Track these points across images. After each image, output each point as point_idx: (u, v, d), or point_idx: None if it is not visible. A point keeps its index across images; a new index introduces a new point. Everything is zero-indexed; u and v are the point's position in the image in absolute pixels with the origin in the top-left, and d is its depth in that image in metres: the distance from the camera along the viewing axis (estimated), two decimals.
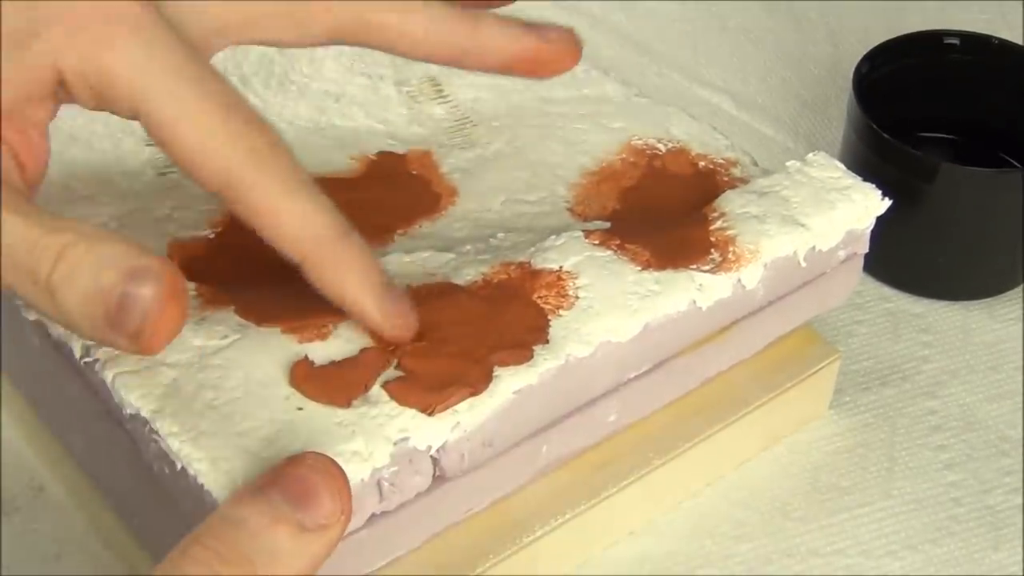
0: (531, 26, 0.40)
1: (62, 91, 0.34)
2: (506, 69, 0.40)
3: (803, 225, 0.44)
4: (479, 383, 0.37)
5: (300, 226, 0.35)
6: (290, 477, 0.32)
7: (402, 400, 0.37)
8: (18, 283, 0.32)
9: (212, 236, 0.44)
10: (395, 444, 0.36)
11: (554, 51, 0.40)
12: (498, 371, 0.38)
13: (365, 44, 0.39)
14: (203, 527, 0.31)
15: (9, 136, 0.34)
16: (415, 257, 0.43)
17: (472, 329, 0.39)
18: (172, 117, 0.34)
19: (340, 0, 0.38)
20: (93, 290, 0.31)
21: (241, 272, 0.42)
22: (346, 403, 0.36)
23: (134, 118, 0.34)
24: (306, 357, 0.38)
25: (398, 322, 0.37)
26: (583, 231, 0.43)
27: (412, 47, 0.39)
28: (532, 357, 0.38)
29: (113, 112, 0.35)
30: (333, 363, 0.38)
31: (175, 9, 0.36)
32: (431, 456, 0.37)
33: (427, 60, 0.39)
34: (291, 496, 0.31)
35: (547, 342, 0.39)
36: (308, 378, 0.36)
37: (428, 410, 0.36)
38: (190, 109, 0.34)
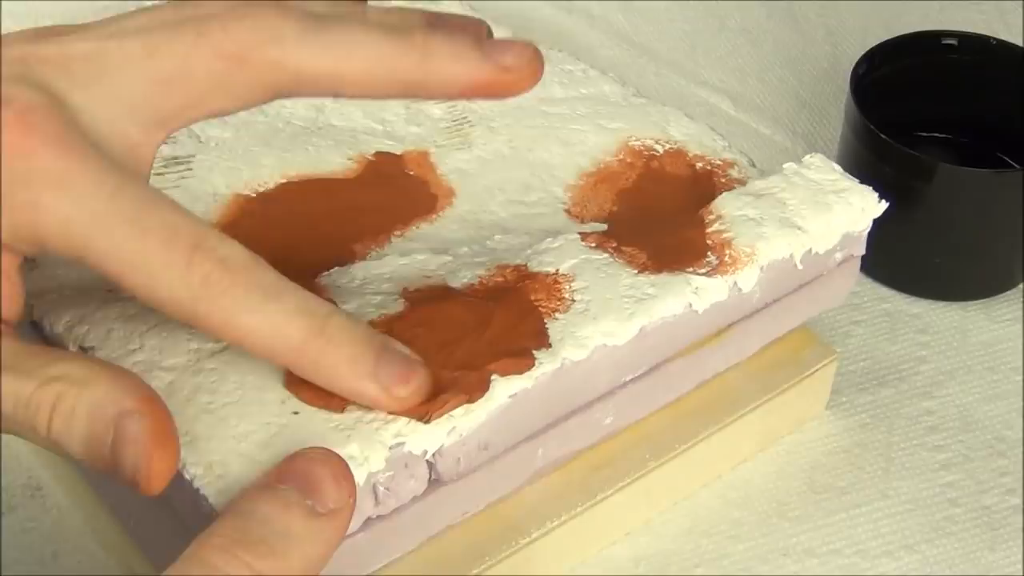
0: (485, 47, 0.37)
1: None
2: (460, 97, 0.39)
3: (800, 228, 0.44)
4: (475, 391, 0.37)
5: (272, 338, 0.34)
6: (295, 469, 0.33)
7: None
8: (23, 434, 0.32)
9: None
10: (391, 448, 0.36)
11: (511, 78, 0.37)
12: (494, 375, 0.38)
13: (310, 95, 0.36)
14: (216, 523, 0.31)
15: None
16: (411, 259, 0.44)
17: (469, 334, 0.39)
18: (115, 263, 0.33)
19: (268, 56, 0.35)
20: (89, 440, 0.32)
21: None
22: (341, 408, 0.36)
23: (80, 265, 0.33)
24: None
25: (403, 393, 0.36)
26: (580, 233, 0.43)
27: (358, 90, 0.36)
28: (534, 365, 0.38)
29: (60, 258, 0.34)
30: None
31: (101, 113, 0.34)
32: (427, 460, 0.37)
33: (377, 98, 0.37)
34: (299, 485, 0.32)
35: (550, 346, 0.39)
36: (303, 382, 0.36)
37: (424, 418, 0.36)
38: (130, 254, 0.32)
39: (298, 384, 0.37)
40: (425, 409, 0.37)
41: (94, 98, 0.34)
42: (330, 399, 0.36)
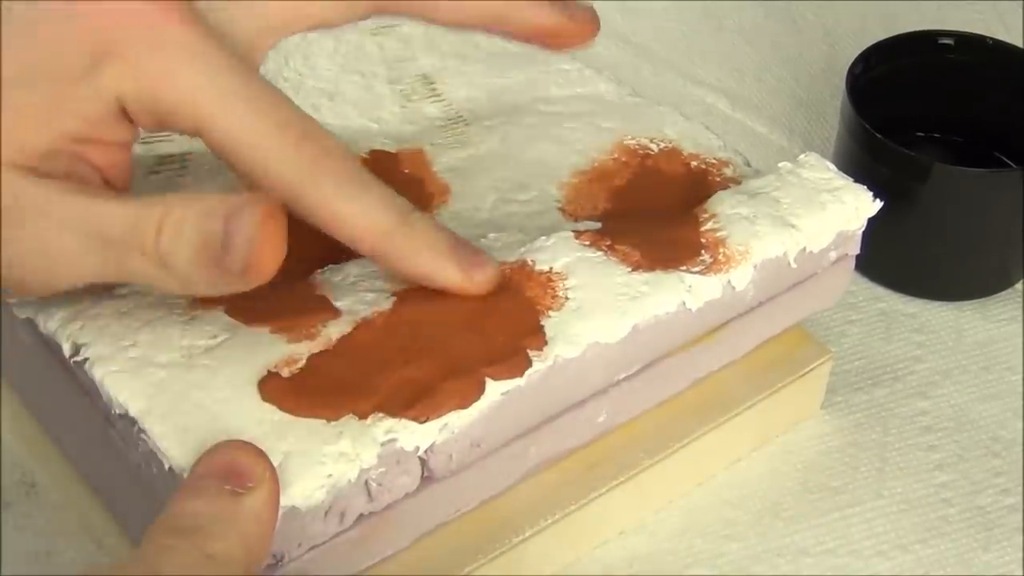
0: (559, 2, 0.42)
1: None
2: (530, 39, 0.43)
3: (794, 226, 0.44)
4: (469, 395, 0.37)
5: (362, 226, 0.37)
6: (209, 462, 0.34)
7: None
8: (127, 261, 0.35)
9: None
10: (383, 445, 0.36)
11: (576, 28, 0.43)
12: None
13: (405, 12, 0.41)
14: (149, 529, 0.32)
15: (94, 156, 0.37)
16: None
17: (462, 332, 0.39)
18: (232, 139, 0.36)
19: None
20: (199, 243, 0.34)
21: None
22: (335, 416, 0.37)
23: (196, 136, 0.36)
24: (270, 372, 0.38)
25: (480, 278, 0.39)
26: (573, 232, 0.43)
27: (450, 12, 0.41)
28: (530, 365, 0.38)
29: (174, 131, 0.37)
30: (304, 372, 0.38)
31: (224, 14, 0.38)
32: (419, 457, 0.37)
33: (459, 25, 0.42)
34: (213, 474, 0.33)
35: (545, 344, 0.39)
36: (284, 393, 0.37)
37: (419, 419, 0.37)
38: (248, 130, 0.36)
39: (280, 396, 0.37)
40: (419, 411, 0.37)
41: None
42: (316, 408, 0.37)
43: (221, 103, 0.35)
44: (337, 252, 0.44)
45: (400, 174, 0.48)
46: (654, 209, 0.46)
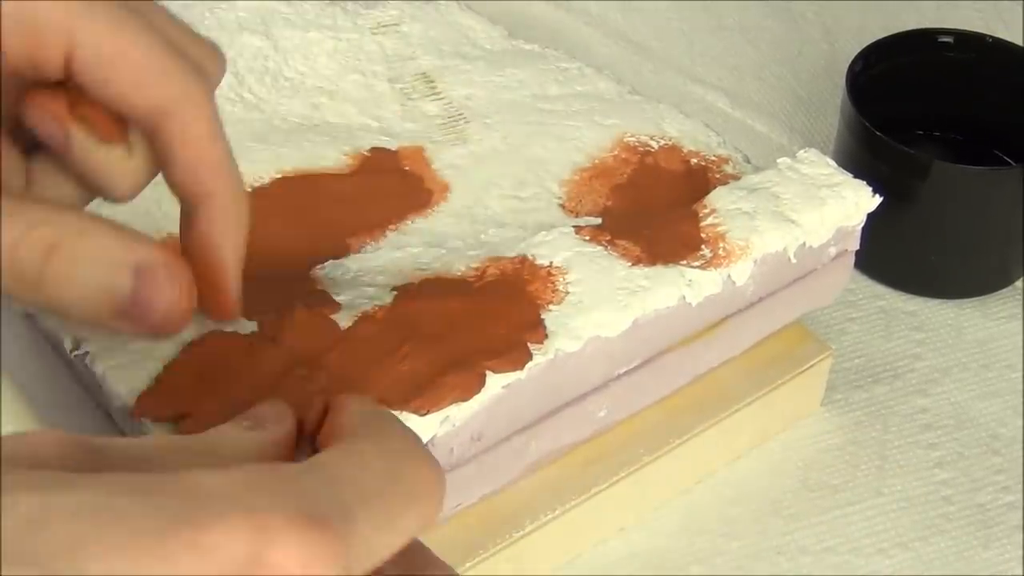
0: None
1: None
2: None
3: (793, 221, 0.44)
4: (471, 388, 0.37)
5: (218, 170, 0.33)
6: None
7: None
8: (15, 286, 0.31)
9: None
10: None
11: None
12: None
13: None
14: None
15: None
16: (406, 252, 0.44)
17: (464, 326, 0.39)
18: (107, 53, 0.31)
19: None
20: (97, 290, 0.31)
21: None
22: None
23: (67, 66, 0.32)
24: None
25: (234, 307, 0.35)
26: (574, 227, 0.43)
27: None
28: (531, 359, 0.38)
29: (44, 71, 0.32)
30: None
31: None
32: None
33: None
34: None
35: (546, 338, 0.39)
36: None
37: (420, 412, 0.37)
38: (125, 42, 0.31)
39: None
40: (420, 404, 0.37)
41: None
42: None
43: (90, 13, 0.31)
44: (337, 249, 0.44)
45: (400, 172, 0.48)
46: (654, 206, 0.46)
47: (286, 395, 0.35)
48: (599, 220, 0.45)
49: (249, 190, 0.46)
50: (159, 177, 0.35)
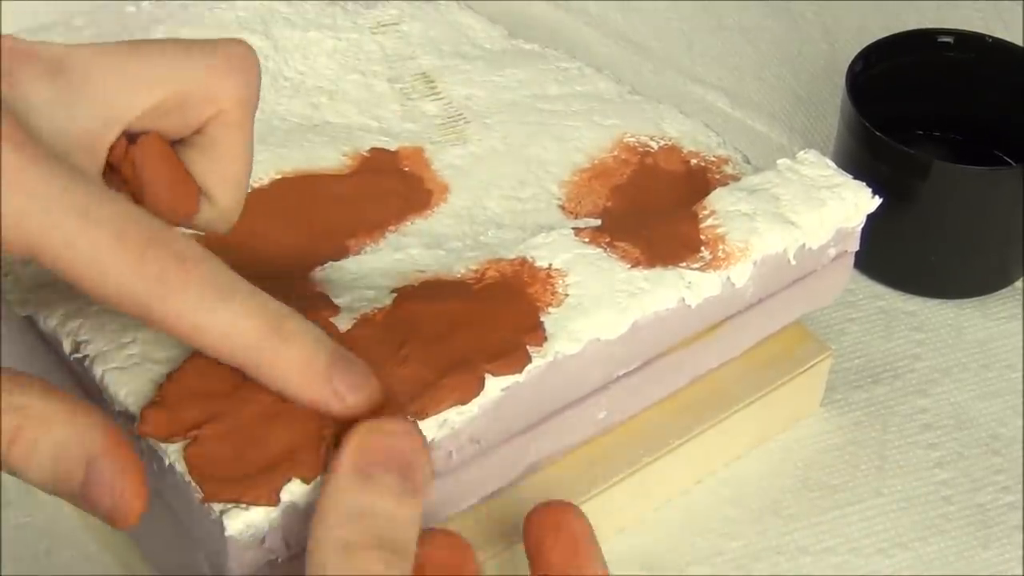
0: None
1: None
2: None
3: (793, 223, 0.44)
4: (469, 391, 0.37)
5: (227, 337, 0.33)
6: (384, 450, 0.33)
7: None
8: None
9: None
10: None
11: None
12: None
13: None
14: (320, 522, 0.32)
15: None
16: (405, 254, 0.44)
17: (463, 329, 0.39)
18: (67, 259, 0.32)
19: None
20: (55, 474, 0.32)
21: (233, 268, 0.42)
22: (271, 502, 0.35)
23: (33, 262, 0.33)
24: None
25: (353, 401, 0.35)
26: (573, 229, 0.43)
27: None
28: (530, 361, 0.38)
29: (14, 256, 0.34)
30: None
31: (62, 112, 0.34)
32: None
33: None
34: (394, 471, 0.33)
35: (545, 341, 0.39)
36: (224, 486, 0.35)
37: (418, 416, 0.37)
38: (83, 248, 0.32)
39: (224, 491, 0.35)
40: (419, 407, 0.37)
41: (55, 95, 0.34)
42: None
43: (48, 220, 0.31)
44: (337, 250, 0.44)
45: (400, 172, 0.48)
46: (654, 206, 0.46)
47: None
48: (598, 221, 0.45)
49: (249, 190, 0.46)
50: None
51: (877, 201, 0.45)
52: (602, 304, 0.40)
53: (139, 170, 0.36)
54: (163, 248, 0.32)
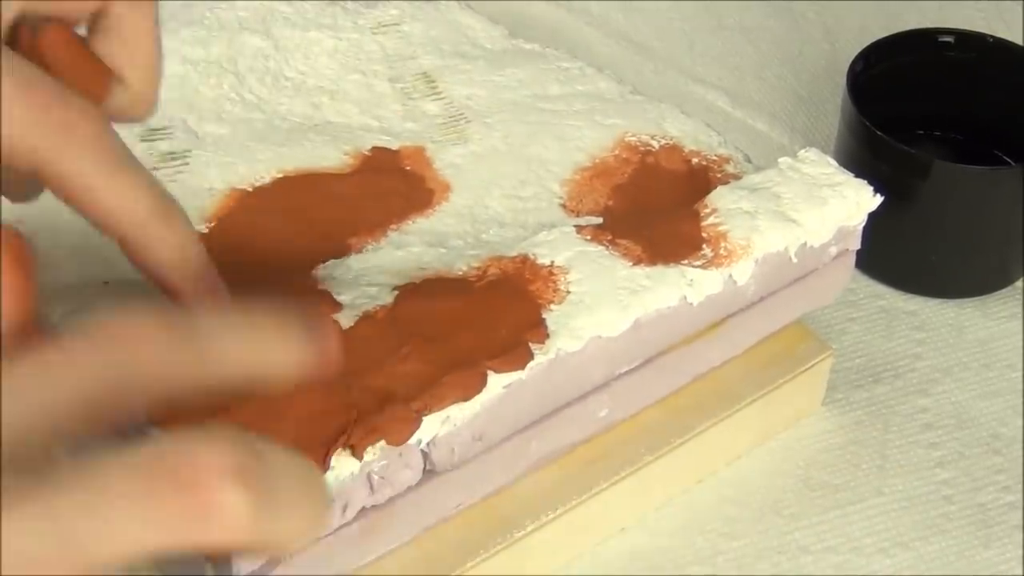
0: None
1: None
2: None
3: (794, 221, 0.44)
4: (472, 388, 0.37)
5: (118, 208, 0.33)
6: None
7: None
8: None
9: (206, 230, 0.44)
10: None
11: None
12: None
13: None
14: None
15: None
16: (407, 252, 0.44)
17: (464, 326, 0.39)
18: None
19: None
20: None
21: (235, 266, 0.42)
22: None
23: None
24: None
25: (208, 302, 0.35)
26: (575, 226, 0.43)
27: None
28: (532, 358, 0.38)
29: None
30: None
31: None
32: (421, 450, 0.37)
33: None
34: None
35: (547, 338, 0.39)
36: None
37: (419, 413, 0.37)
38: None
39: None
40: (421, 404, 0.37)
41: None
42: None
43: None
44: (338, 249, 0.44)
45: (401, 171, 0.48)
46: (655, 206, 0.46)
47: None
48: (600, 220, 0.45)
49: (250, 190, 0.46)
50: None
51: (878, 199, 0.45)
52: (604, 301, 0.40)
53: (45, 58, 0.34)
54: (70, 103, 0.32)
